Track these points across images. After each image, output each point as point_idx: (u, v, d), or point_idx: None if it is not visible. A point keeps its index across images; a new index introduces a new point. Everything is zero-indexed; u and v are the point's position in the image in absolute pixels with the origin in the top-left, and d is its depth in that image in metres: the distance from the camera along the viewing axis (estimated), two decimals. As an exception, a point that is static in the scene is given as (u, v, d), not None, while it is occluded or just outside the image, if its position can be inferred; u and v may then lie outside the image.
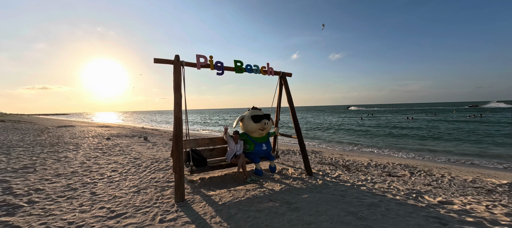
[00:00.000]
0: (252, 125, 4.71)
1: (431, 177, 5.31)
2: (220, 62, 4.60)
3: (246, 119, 4.86)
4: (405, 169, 6.06)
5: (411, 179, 5.06)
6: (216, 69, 4.57)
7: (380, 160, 7.31)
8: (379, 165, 6.52)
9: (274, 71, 5.30)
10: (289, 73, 5.59)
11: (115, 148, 8.24)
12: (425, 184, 4.71)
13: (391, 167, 6.27)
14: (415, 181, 4.88)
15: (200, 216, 3.00)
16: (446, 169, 6.34)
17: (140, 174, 4.89)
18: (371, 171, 5.72)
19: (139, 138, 11.48)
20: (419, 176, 5.37)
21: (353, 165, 6.43)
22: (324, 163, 6.55)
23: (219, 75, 4.64)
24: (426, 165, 6.78)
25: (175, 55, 4.10)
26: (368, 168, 6.06)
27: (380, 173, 5.60)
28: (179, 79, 3.98)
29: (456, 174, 5.60)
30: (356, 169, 5.93)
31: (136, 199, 3.53)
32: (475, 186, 4.67)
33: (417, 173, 5.62)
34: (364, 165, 6.40)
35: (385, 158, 8.09)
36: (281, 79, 5.51)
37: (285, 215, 3.01)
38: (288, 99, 5.41)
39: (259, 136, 4.84)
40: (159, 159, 6.32)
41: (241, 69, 4.85)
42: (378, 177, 5.13)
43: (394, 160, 7.53)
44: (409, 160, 8.05)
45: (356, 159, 7.35)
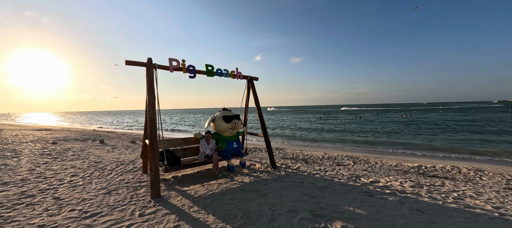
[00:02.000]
0: (224, 125, 5.13)
1: (368, 164, 6.64)
2: (192, 66, 4.87)
3: (218, 119, 5.24)
4: (350, 159, 7.35)
5: (353, 167, 6.25)
6: (189, 72, 4.83)
7: (332, 153, 8.59)
8: (331, 157, 7.70)
9: (243, 75, 5.82)
10: (256, 78, 6.18)
11: (67, 152, 7.49)
12: (363, 169, 5.92)
13: (340, 158, 7.51)
14: (356, 168, 6.07)
15: (178, 207, 3.30)
16: (379, 158, 7.92)
17: (106, 177, 4.76)
18: (324, 162, 6.78)
19: (94, 141, 10.51)
20: (360, 164, 6.64)
21: (310, 158, 7.45)
22: (286, 158, 7.38)
23: (191, 78, 4.91)
24: (366, 156, 8.31)
25: (147, 58, 4.22)
26: (322, 160, 7.13)
27: (331, 163, 6.70)
28: (152, 82, 4.13)
29: (385, 161, 7.11)
30: (313, 161, 6.92)
31: (109, 200, 3.57)
32: (397, 169, 6.11)
33: (359, 162, 6.92)
34: (319, 158, 7.48)
35: (336, 152, 9.49)
36: (248, 82, 6.06)
37: (254, 200, 3.55)
38: (255, 101, 6.00)
39: (230, 135, 5.28)
40: (124, 162, 6.13)
41: (212, 73, 5.22)
42: (329, 166, 6.16)
43: (343, 153, 8.94)
44: (354, 153, 9.62)
45: (313, 153, 8.46)
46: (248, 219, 2.92)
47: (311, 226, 2.72)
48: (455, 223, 2.84)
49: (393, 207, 3.34)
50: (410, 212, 3.16)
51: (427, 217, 3.02)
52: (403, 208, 3.28)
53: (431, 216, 3.03)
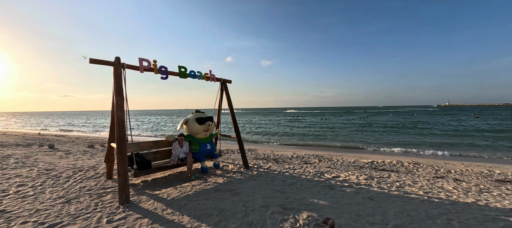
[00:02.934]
0: (197, 127, 5.13)
1: (331, 161, 7.35)
2: (164, 67, 4.78)
3: (191, 121, 5.22)
4: (316, 158, 8.02)
5: (319, 164, 6.86)
6: (161, 73, 4.73)
7: (300, 153, 9.21)
8: (299, 156, 8.27)
9: (216, 78, 5.90)
10: (229, 80, 6.33)
11: (8, 159, 6.46)
12: (327, 166, 6.55)
13: (307, 157, 8.12)
14: (321, 165, 6.68)
15: (151, 211, 3.24)
16: (341, 155, 8.81)
17: (63, 185, 4.32)
18: (293, 161, 7.27)
19: (41, 146, 9.22)
20: (324, 162, 7.31)
21: (281, 158, 7.88)
22: (258, 158, 7.67)
23: (163, 79, 4.81)
24: (329, 154, 9.14)
25: (115, 57, 4.02)
26: (291, 159, 7.62)
27: (299, 162, 7.22)
28: (120, 82, 3.95)
29: (345, 158, 7.96)
30: (283, 160, 7.35)
31: (69, 209, 3.29)
32: (354, 165, 6.92)
33: (323, 160, 7.61)
34: (288, 157, 7.96)
35: (304, 151, 10.19)
36: (222, 85, 6.17)
37: (228, 198, 3.70)
38: (228, 103, 6.14)
39: (204, 136, 5.31)
40: (83, 168, 5.60)
41: (185, 74, 5.18)
42: (297, 165, 6.64)
43: (310, 152, 9.65)
44: (319, 151, 10.46)
45: (283, 153, 8.95)
46: (223, 217, 3.05)
47: (281, 218, 3.00)
48: (396, 206, 3.45)
49: (350, 196, 3.86)
50: (362, 200, 3.71)
51: (376, 203, 3.59)
52: (358, 197, 3.83)
53: (379, 202, 3.62)
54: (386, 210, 3.31)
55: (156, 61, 4.62)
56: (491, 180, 5.24)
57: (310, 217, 2.99)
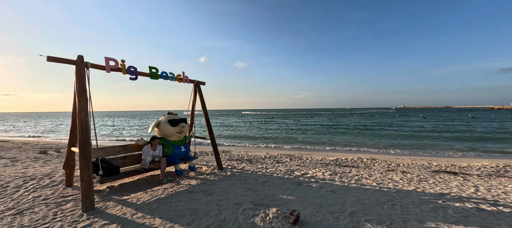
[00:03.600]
0: (170, 129, 5.05)
1: (301, 160, 7.85)
2: (133, 67, 4.63)
3: (163, 123, 5.11)
4: (287, 157, 8.46)
5: (290, 163, 7.28)
6: (129, 74, 4.56)
7: (273, 153, 9.59)
8: (272, 156, 8.62)
9: (189, 80, 5.88)
10: (203, 82, 6.35)
11: None
12: (297, 165, 6.99)
13: (279, 157, 8.51)
14: (292, 164, 7.10)
15: (119, 216, 3.14)
16: (310, 154, 9.44)
17: (11, 196, 3.86)
18: (266, 161, 7.57)
19: (-22, 154, 7.92)
20: (295, 160, 7.77)
21: (254, 158, 8.12)
22: (232, 159, 7.79)
23: (132, 80, 4.64)
24: (300, 153, 9.71)
25: (78, 56, 3.78)
26: (264, 159, 7.92)
27: (272, 162, 7.55)
28: (83, 83, 3.72)
29: (314, 157, 8.57)
30: (256, 161, 7.60)
31: (22, 220, 2.99)
32: (322, 162, 7.51)
33: (294, 159, 8.07)
34: (262, 158, 8.25)
35: (276, 151, 10.62)
36: (195, 87, 6.16)
37: (202, 199, 3.76)
38: (202, 105, 6.15)
39: (177, 139, 5.24)
40: (35, 176, 5.04)
41: (157, 75, 5.07)
42: (270, 164, 6.95)
43: (282, 152, 10.11)
44: (291, 151, 11.02)
45: (257, 154, 9.21)
46: (196, 216, 3.13)
47: (252, 213, 3.20)
48: (353, 197, 3.93)
49: (315, 191, 4.25)
50: (326, 193, 4.13)
51: (337, 195, 4.03)
52: (322, 191, 4.24)
53: (339, 194, 4.07)
54: (344, 200, 3.75)
55: (125, 61, 4.45)
56: (429, 171, 6.24)
57: (279, 211, 3.25)
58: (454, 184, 4.86)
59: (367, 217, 3.11)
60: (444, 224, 2.94)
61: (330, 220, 3.02)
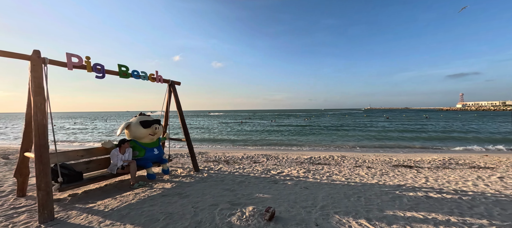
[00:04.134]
0: (142, 131, 4.80)
1: (277, 159, 8.08)
2: (100, 65, 4.32)
3: (134, 125, 4.84)
4: (264, 157, 8.64)
5: (266, 163, 7.44)
6: (96, 72, 4.25)
7: (250, 153, 9.69)
8: (249, 156, 8.71)
9: (164, 79, 5.67)
10: (178, 82, 6.17)
11: None
12: (273, 164, 7.18)
13: (256, 157, 8.65)
14: (268, 163, 7.28)
15: (84, 225, 2.90)
16: (286, 153, 9.76)
17: None
18: (243, 162, 7.63)
19: None
20: (271, 160, 7.97)
21: (231, 159, 8.12)
22: (209, 161, 7.68)
23: (99, 78, 4.32)
24: (276, 153, 9.98)
25: (33, 51, 3.41)
26: (241, 160, 7.97)
27: (249, 162, 7.63)
28: (40, 81, 3.37)
29: (290, 156, 8.89)
30: (233, 161, 7.61)
31: (-40, 238, 2.59)
32: (297, 161, 7.83)
33: (271, 158, 8.28)
34: (239, 158, 8.29)
35: (254, 151, 10.75)
36: (170, 87, 5.96)
37: (177, 202, 3.67)
38: (177, 106, 5.97)
39: (150, 141, 5.00)
40: (-24, 187, 4.37)
41: (127, 74, 4.79)
42: (247, 164, 7.03)
43: (259, 152, 10.28)
44: (268, 151, 11.25)
45: (234, 155, 9.22)
46: (171, 220, 3.05)
47: (229, 213, 3.23)
48: (324, 192, 4.21)
49: (290, 188, 4.45)
50: (300, 189, 4.35)
51: (310, 191, 4.27)
52: (296, 188, 4.45)
53: (312, 190, 4.32)
54: (316, 195, 4.00)
55: (90, 57, 4.12)
56: (390, 166, 6.94)
57: (255, 209, 3.34)
58: (409, 176, 5.50)
59: (336, 209, 3.38)
60: (399, 211, 3.33)
61: (303, 214, 3.20)
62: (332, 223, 2.95)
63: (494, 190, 4.36)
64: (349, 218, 3.09)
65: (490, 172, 5.89)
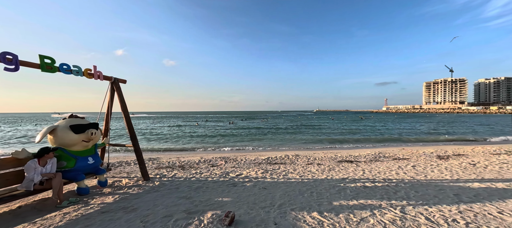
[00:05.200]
0: (72, 137, 3.99)
1: (236, 161, 8.04)
2: (12, 54, 3.42)
3: (62, 130, 3.98)
4: (223, 160, 8.47)
5: (225, 165, 7.31)
6: (4, 63, 3.33)
7: (207, 157, 9.34)
8: (207, 160, 8.38)
9: (104, 76, 4.90)
10: (123, 80, 5.44)
11: None
12: (232, 166, 7.11)
13: (214, 160, 8.39)
14: (227, 166, 7.16)
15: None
16: (244, 155, 9.82)
17: None
18: (201, 166, 7.28)
19: None
20: (230, 162, 7.87)
21: (187, 164, 7.63)
22: (161, 167, 7.02)
23: (9, 71, 3.40)
24: (235, 155, 9.93)
25: None
26: (198, 164, 7.59)
27: (207, 166, 7.34)
28: None
29: (248, 157, 8.98)
30: (190, 166, 7.18)
31: None
32: (255, 162, 7.97)
33: (229, 161, 8.17)
34: (196, 162, 7.87)
35: (211, 155, 10.42)
36: (113, 85, 5.19)
37: (122, 218, 3.19)
38: (122, 107, 5.25)
39: (83, 148, 4.20)
40: None
41: (53, 68, 3.94)
42: (204, 169, 6.74)
43: (217, 155, 10.02)
44: (226, 153, 11.10)
45: (191, 159, 8.71)
46: (113, 240, 2.62)
47: (185, 223, 3.01)
48: (281, 190, 4.41)
49: (249, 189, 4.48)
50: (258, 190, 4.43)
51: (268, 191, 4.40)
52: (255, 189, 4.51)
53: (270, 190, 4.46)
54: (274, 195, 4.15)
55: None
56: (335, 161, 7.83)
57: (214, 215, 3.21)
58: (351, 170, 6.32)
59: (292, 206, 3.57)
60: (344, 201, 3.78)
61: (262, 215, 3.26)
62: (289, 220, 3.10)
63: (410, 176, 5.45)
64: (304, 213, 3.31)
65: (406, 162, 7.34)
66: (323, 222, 3.03)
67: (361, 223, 3.02)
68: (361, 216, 3.22)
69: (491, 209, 3.38)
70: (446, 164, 6.89)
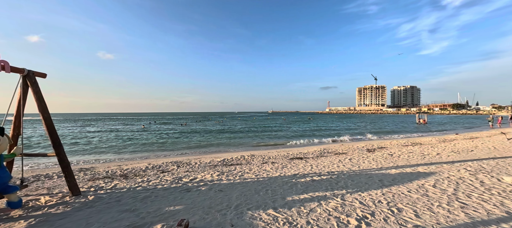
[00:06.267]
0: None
1: (189, 165, 7.60)
2: None
3: None
4: (174, 164, 7.87)
5: (177, 170, 6.80)
6: None
7: (157, 162, 8.50)
8: (156, 166, 7.61)
9: (13, 68, 3.85)
10: (42, 74, 4.40)
11: None
12: (185, 171, 6.68)
13: (164, 165, 7.70)
14: (179, 171, 6.69)
15: None
16: (199, 158, 9.40)
17: None
18: (148, 173, 6.56)
19: None
20: (183, 167, 7.38)
21: (131, 172, 6.75)
22: (97, 178, 5.98)
23: None
24: (188, 158, 9.38)
25: None
26: (145, 171, 6.82)
27: (156, 172, 6.67)
28: None
29: (203, 160, 8.63)
30: (134, 174, 6.37)
31: None
32: (210, 164, 7.72)
33: (182, 165, 7.65)
34: (142, 169, 7.04)
35: (161, 160, 9.54)
36: (26, 79, 4.13)
37: (39, 245, 2.55)
38: (40, 107, 4.22)
39: (-22, 161, 3.16)
40: None
41: None
42: (153, 176, 6.10)
43: (168, 160, 9.25)
44: (178, 157, 10.37)
45: (136, 166, 7.74)
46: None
47: (129, 239, 2.64)
48: (237, 191, 4.41)
49: (204, 194, 4.30)
50: (214, 193, 4.30)
51: (224, 193, 4.33)
52: (210, 193, 4.37)
53: (226, 192, 4.40)
54: (230, 196, 4.11)
55: None
56: (287, 159, 8.37)
57: (165, 226, 2.94)
58: (301, 166, 6.88)
59: (249, 206, 3.62)
60: (295, 195, 4.08)
61: (219, 218, 3.18)
62: (245, 219, 3.13)
63: (348, 168, 6.33)
64: (260, 211, 3.40)
65: (345, 156, 8.51)
66: (278, 218, 3.19)
67: (310, 213, 3.32)
68: (310, 207, 3.54)
69: (403, 189, 4.27)
70: (373, 156, 8.33)
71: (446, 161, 6.96)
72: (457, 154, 8.14)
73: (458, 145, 10.68)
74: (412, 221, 3.03)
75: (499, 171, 5.43)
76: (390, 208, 3.44)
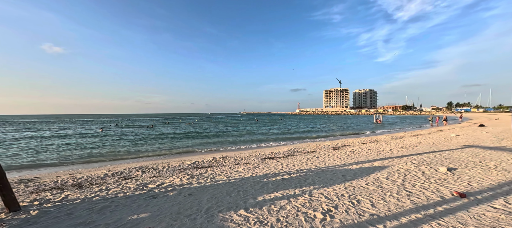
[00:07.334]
0: None
1: (156, 170, 7.14)
2: None
3: None
4: (139, 169, 7.29)
5: (142, 176, 6.32)
6: None
7: (118, 168, 7.76)
8: (116, 173, 6.94)
9: None
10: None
11: None
12: (151, 176, 6.24)
13: (127, 171, 7.08)
14: (145, 177, 6.22)
15: None
16: (167, 162, 8.88)
17: None
18: (108, 181, 5.95)
19: None
20: (149, 172, 6.89)
21: (86, 180, 6.03)
22: (43, 190, 5.19)
23: None
24: (155, 163, 8.79)
25: None
26: (104, 179, 6.16)
27: (117, 179, 6.08)
28: None
29: (171, 164, 8.18)
30: (90, 183, 5.71)
31: None
32: (179, 168, 7.36)
33: (147, 170, 7.14)
34: (100, 177, 6.35)
35: (124, 165, 8.74)
36: None
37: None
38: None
39: None
40: None
41: None
42: (114, 183, 5.55)
43: (132, 165, 8.52)
44: (144, 162, 9.64)
45: (92, 174, 6.94)
46: None
47: (83, 256, 2.36)
48: (208, 194, 4.30)
49: (172, 199, 4.09)
50: (183, 198, 4.12)
51: (194, 197, 4.18)
52: (179, 197, 4.17)
53: (196, 195, 4.26)
54: (201, 200, 4.00)
55: None
56: (259, 159, 8.49)
57: (126, 237, 2.70)
58: (272, 165, 7.05)
59: (220, 208, 3.57)
60: (266, 194, 4.17)
61: (188, 224, 3.06)
62: (216, 222, 3.08)
63: (315, 166, 6.72)
64: (231, 213, 3.38)
65: (313, 155, 9.01)
66: (249, 218, 3.22)
67: (280, 211, 3.43)
68: (280, 205, 3.66)
69: (362, 183, 4.72)
70: (337, 153, 9.00)
71: (396, 155, 7.92)
72: (405, 149, 9.32)
73: (406, 141, 12.24)
74: (369, 211, 3.36)
75: (436, 162, 6.40)
76: (351, 201, 3.77)
